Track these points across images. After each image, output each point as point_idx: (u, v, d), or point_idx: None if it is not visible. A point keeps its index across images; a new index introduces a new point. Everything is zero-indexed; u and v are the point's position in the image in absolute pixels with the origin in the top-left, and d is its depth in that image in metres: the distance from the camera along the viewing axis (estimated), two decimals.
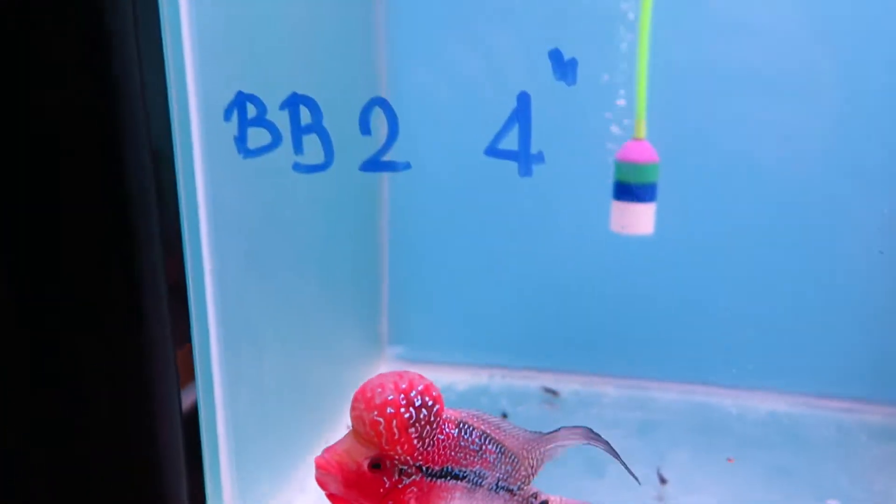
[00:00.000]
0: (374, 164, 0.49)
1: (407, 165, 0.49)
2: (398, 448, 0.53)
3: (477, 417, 0.59)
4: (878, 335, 1.01)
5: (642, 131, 0.91)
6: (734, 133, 0.98)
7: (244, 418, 0.67)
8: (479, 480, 0.57)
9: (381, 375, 0.54)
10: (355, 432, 0.54)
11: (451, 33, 1.00)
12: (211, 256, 0.60)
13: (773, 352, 1.05)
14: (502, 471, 0.59)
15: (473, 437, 0.57)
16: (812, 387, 1.02)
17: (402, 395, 0.53)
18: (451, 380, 1.07)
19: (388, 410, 0.53)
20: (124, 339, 0.60)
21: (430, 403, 0.54)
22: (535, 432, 0.59)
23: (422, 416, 0.54)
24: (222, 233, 0.62)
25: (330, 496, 0.55)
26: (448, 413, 0.57)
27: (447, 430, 0.56)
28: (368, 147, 0.54)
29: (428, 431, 0.54)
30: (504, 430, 0.60)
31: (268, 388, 0.73)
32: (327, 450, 0.54)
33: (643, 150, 0.91)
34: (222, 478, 0.64)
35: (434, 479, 0.55)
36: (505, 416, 0.96)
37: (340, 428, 0.89)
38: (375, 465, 0.54)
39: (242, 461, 0.66)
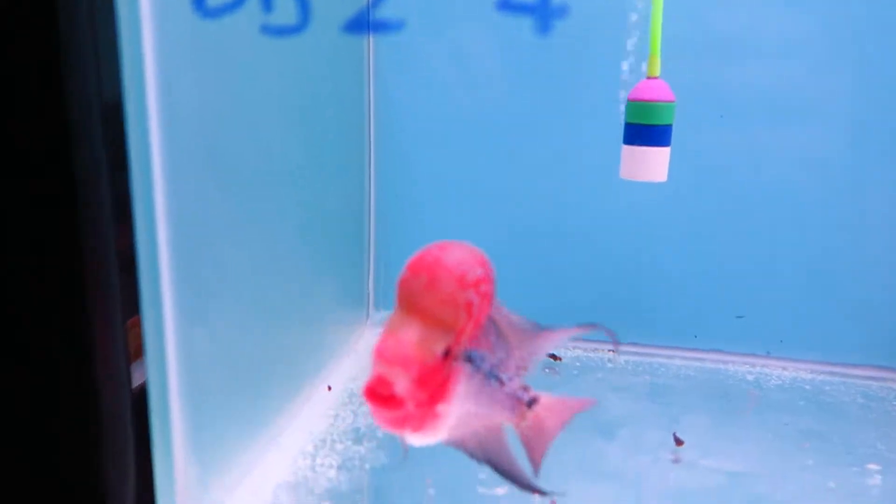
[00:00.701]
0: (362, 24, 0.40)
1: (400, 25, 0.41)
2: (474, 332, 0.44)
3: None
4: None
5: (656, 69, 0.83)
6: (754, 96, 0.91)
7: (203, 393, 0.56)
8: (480, 364, 0.48)
9: (445, 246, 0.44)
10: (430, 317, 0.43)
11: None
12: (166, 208, 0.50)
13: (792, 320, 0.96)
14: (496, 358, 0.50)
15: (484, 318, 0.48)
16: (835, 355, 0.93)
17: (486, 271, 0.44)
18: None
19: (482, 288, 0.43)
20: (64, 306, 0.51)
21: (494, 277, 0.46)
22: (532, 323, 0.50)
23: (494, 291, 0.45)
24: (179, 173, 0.51)
25: (382, 400, 0.42)
26: None
27: None
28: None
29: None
30: (503, 314, 0.51)
31: (235, 357, 0.63)
32: (393, 341, 0.42)
33: (658, 88, 0.83)
34: (175, 459, 0.53)
35: (462, 361, 0.46)
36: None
37: (318, 396, 0.80)
38: (446, 352, 0.43)
39: (199, 441, 0.56)
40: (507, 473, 0.52)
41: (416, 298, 0.43)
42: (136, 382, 0.56)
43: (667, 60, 0.73)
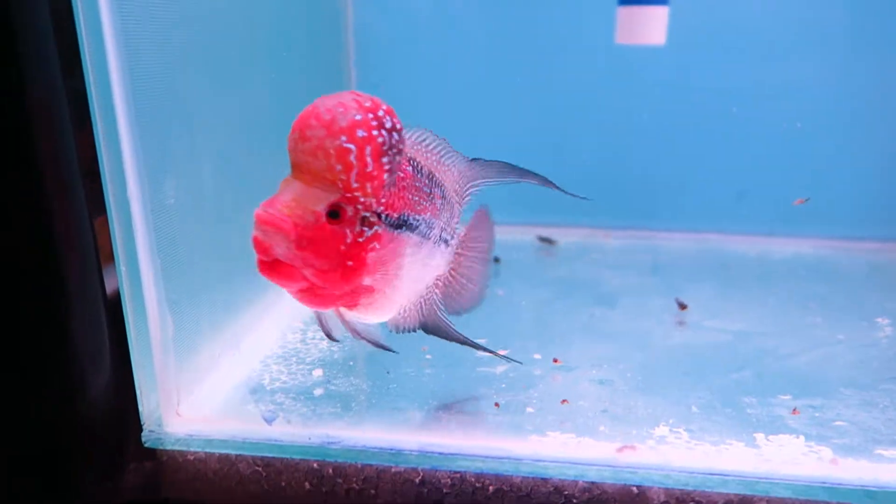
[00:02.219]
0: None
1: None
2: (367, 186, 0.40)
3: (419, 148, 0.47)
4: None
5: None
6: None
7: (179, 277, 0.52)
8: (428, 231, 0.45)
9: (329, 97, 0.41)
10: (307, 172, 0.40)
11: None
12: (124, 93, 0.45)
13: (792, 198, 0.93)
14: (443, 220, 0.47)
15: (424, 177, 0.45)
16: (838, 230, 0.91)
17: (371, 115, 0.40)
18: None
19: (359, 134, 0.39)
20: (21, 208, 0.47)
21: (398, 127, 0.41)
22: (469, 161, 0.49)
23: (394, 141, 0.40)
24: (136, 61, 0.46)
25: (269, 267, 0.41)
26: None
27: (403, 166, 0.44)
28: None
29: (396, 164, 0.41)
30: (443, 165, 0.47)
31: (212, 243, 0.58)
32: (269, 203, 0.40)
33: None
34: (151, 332, 0.49)
35: (394, 229, 0.43)
36: (497, 260, 0.84)
37: None
38: (334, 213, 0.40)
39: (177, 318, 0.51)
40: (455, 337, 0.52)
41: (292, 156, 0.40)
42: (109, 276, 0.52)
43: None
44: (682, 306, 0.69)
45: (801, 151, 0.91)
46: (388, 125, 0.40)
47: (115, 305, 0.50)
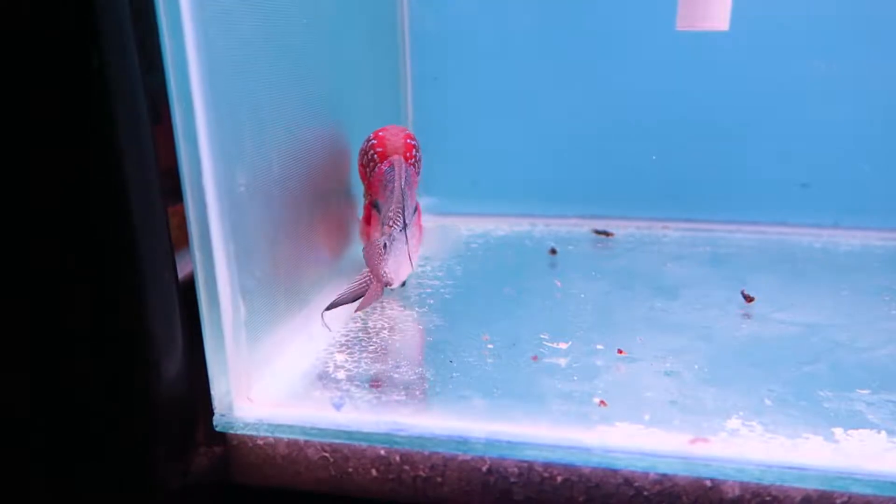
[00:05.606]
0: None
1: None
2: None
3: None
4: None
5: None
6: None
7: (250, 283, 0.53)
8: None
9: None
10: None
11: None
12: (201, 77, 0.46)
13: (859, 188, 0.91)
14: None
15: None
16: None
17: None
18: (486, 228, 0.94)
19: None
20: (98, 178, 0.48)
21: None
22: None
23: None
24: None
25: None
26: None
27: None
28: None
29: None
30: None
31: (277, 237, 0.60)
32: None
33: None
34: (227, 349, 0.51)
35: None
36: (554, 251, 0.83)
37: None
38: None
39: (251, 327, 0.53)
40: None
41: None
42: (181, 263, 0.53)
43: None
44: (749, 298, 0.67)
45: (865, 142, 0.88)
46: None
47: (187, 291, 0.51)
